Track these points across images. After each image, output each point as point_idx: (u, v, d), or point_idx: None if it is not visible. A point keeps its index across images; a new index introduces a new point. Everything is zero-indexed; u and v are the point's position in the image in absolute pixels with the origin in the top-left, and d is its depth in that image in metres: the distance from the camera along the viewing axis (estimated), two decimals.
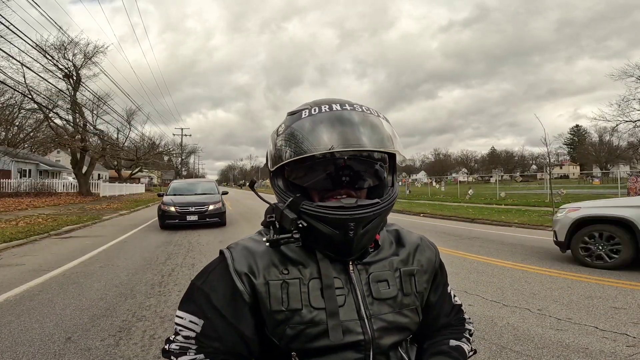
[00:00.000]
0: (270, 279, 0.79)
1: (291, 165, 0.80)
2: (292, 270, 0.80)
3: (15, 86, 19.87)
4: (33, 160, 35.26)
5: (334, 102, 0.79)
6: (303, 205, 0.76)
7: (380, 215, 0.77)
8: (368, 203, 0.75)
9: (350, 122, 0.74)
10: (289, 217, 0.76)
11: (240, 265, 0.80)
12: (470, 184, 48.99)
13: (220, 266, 0.83)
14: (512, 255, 6.74)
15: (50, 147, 39.63)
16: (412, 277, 0.88)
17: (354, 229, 0.74)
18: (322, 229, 0.75)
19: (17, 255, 7.27)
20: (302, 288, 0.78)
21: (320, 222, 0.74)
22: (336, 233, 0.74)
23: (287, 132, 0.77)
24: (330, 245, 0.78)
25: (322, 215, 0.74)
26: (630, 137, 35.69)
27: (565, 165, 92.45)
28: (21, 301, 4.37)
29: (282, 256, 0.81)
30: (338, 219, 0.73)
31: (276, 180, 0.84)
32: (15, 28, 13.76)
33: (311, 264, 0.81)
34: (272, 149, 0.82)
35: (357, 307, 0.79)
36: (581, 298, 4.23)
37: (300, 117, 0.78)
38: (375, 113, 0.80)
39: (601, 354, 2.87)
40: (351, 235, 0.74)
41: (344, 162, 0.77)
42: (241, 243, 0.87)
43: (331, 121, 0.74)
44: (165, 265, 6.22)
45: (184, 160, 65.70)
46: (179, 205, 11.20)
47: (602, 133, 64.56)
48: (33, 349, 3.07)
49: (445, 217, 14.20)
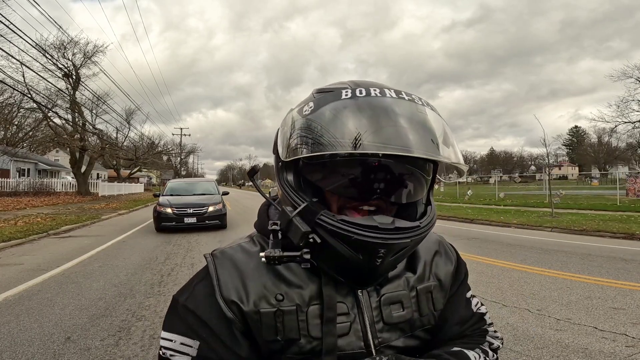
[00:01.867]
0: (262, 307, 0.66)
1: (312, 159, 0.63)
2: (288, 294, 0.67)
3: (14, 85, 19.85)
4: (32, 159, 35.22)
5: (384, 86, 0.62)
6: (322, 215, 0.59)
7: (418, 242, 0.63)
8: (408, 226, 0.59)
9: (413, 117, 0.59)
10: (300, 230, 0.59)
11: (227, 291, 0.67)
12: (469, 185, 49.05)
13: (204, 283, 0.70)
14: (511, 255, 6.75)
15: (49, 147, 39.58)
16: (430, 294, 0.75)
17: (383, 257, 0.59)
18: (340, 250, 0.59)
19: (16, 255, 7.26)
20: (300, 316, 0.66)
21: (340, 242, 0.59)
22: (359, 258, 0.59)
23: (320, 114, 0.60)
24: (345, 271, 0.64)
25: (346, 234, 0.57)
26: (629, 138, 35.89)
27: (564, 166, 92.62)
28: (20, 301, 4.36)
29: (277, 275, 0.68)
30: (367, 242, 0.57)
31: (285, 173, 0.67)
32: (15, 27, 13.76)
33: (311, 285, 0.68)
34: (289, 133, 0.64)
35: (364, 335, 0.68)
36: (580, 298, 4.24)
37: (340, 97, 0.60)
38: (438, 112, 0.64)
39: (600, 354, 2.88)
40: (377, 264, 0.60)
41: (378, 163, 0.61)
42: (228, 254, 0.72)
43: (384, 112, 0.58)
44: (164, 265, 6.21)
45: (183, 160, 65.69)
46: (176, 207, 10.53)
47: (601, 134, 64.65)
48: (32, 348, 3.07)
49: (444, 218, 14.21)
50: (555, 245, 7.96)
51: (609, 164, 68.43)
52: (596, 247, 7.66)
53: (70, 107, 26.33)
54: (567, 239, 8.90)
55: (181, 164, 66.69)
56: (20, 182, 26.29)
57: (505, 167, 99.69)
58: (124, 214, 16.61)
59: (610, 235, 9.15)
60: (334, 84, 0.68)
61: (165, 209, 10.52)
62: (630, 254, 6.78)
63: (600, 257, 6.60)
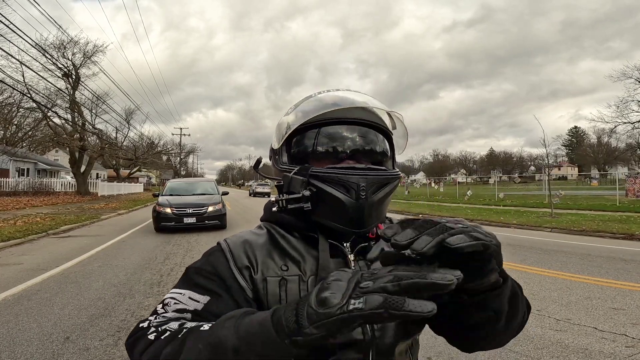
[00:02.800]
0: (269, 274, 0.75)
1: (297, 138, 0.81)
2: (291, 267, 0.76)
3: (14, 85, 19.83)
4: (31, 159, 35.18)
5: (336, 89, 0.86)
6: (312, 169, 0.74)
7: (389, 184, 0.75)
8: (377, 168, 0.78)
9: (347, 95, 0.81)
10: (299, 179, 0.74)
11: (240, 260, 0.76)
12: (469, 185, 49.07)
13: (217, 255, 0.77)
14: (510, 256, 6.75)
15: (48, 146, 39.52)
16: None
17: (365, 191, 0.71)
18: (332, 192, 0.71)
19: (15, 255, 7.25)
20: (302, 285, 0.74)
21: (330, 185, 0.72)
22: (346, 195, 0.71)
23: (294, 108, 0.82)
24: (341, 213, 0.73)
25: (333, 176, 0.72)
26: (628, 139, 35.93)
27: (563, 166, 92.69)
28: (19, 301, 4.35)
29: (282, 251, 0.78)
30: (349, 178, 0.71)
31: (280, 158, 0.83)
32: (15, 27, 13.74)
33: (311, 259, 0.77)
34: (277, 129, 0.85)
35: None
36: (580, 299, 4.24)
37: (310, 97, 0.83)
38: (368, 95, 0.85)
39: (600, 354, 2.88)
40: (363, 198, 0.71)
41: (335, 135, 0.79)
42: (239, 234, 0.83)
43: (338, 95, 0.81)
44: (164, 264, 6.20)
45: (182, 160, 65.67)
46: (176, 207, 10.47)
47: (601, 134, 64.77)
48: (31, 348, 3.06)
49: (443, 218, 14.21)
50: (555, 245, 7.96)
51: (608, 165, 68.48)
52: (596, 247, 7.67)
53: (69, 106, 26.31)
54: (566, 239, 8.90)
55: (181, 163, 66.68)
56: (19, 182, 26.27)
57: (504, 167, 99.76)
58: (123, 214, 16.60)
59: (609, 235, 9.15)
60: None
61: (165, 208, 10.44)
62: (629, 254, 6.78)
63: (599, 257, 6.60)
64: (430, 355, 2.92)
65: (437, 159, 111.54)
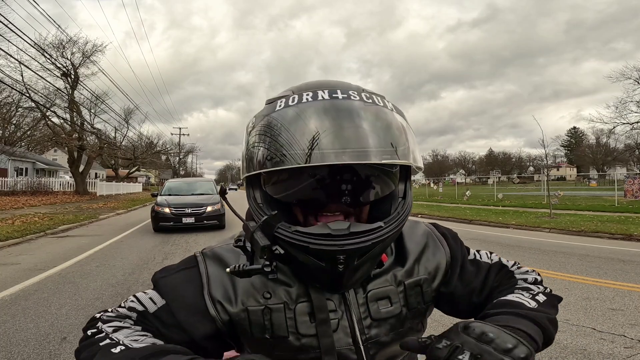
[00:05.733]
0: (250, 305, 0.68)
1: (268, 174, 0.65)
2: (275, 292, 0.68)
3: (12, 84, 19.81)
4: (30, 158, 35.11)
5: (320, 86, 0.61)
6: (279, 228, 0.59)
7: (382, 243, 0.61)
8: (365, 229, 0.58)
9: (344, 120, 0.56)
10: (259, 244, 0.59)
11: (215, 290, 0.68)
12: (468, 185, 49.12)
13: (189, 273, 0.71)
14: (509, 256, 6.71)
15: (47, 146, 39.46)
16: (419, 288, 0.75)
17: (344, 262, 0.58)
18: (303, 259, 0.60)
19: (13, 255, 7.22)
20: (288, 313, 0.67)
21: (300, 252, 0.59)
22: (322, 266, 0.59)
23: (259, 129, 0.60)
24: (316, 279, 0.65)
25: (302, 244, 0.58)
26: (627, 140, 35.98)
27: (562, 167, 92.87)
28: (16, 301, 4.33)
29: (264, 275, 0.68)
30: (323, 250, 0.57)
31: (252, 190, 0.67)
32: (14, 27, 13.71)
33: (298, 283, 0.69)
34: (244, 148, 0.65)
35: (352, 331, 0.69)
36: (579, 299, 4.24)
37: (274, 108, 0.60)
38: (380, 101, 0.61)
39: (599, 355, 2.87)
40: (341, 270, 0.59)
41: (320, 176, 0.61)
42: (218, 253, 0.73)
43: (314, 117, 0.56)
44: (162, 265, 6.18)
45: (181, 160, 65.64)
46: (174, 206, 10.40)
47: (599, 135, 64.95)
48: (28, 348, 3.05)
49: (442, 218, 14.21)
50: (554, 246, 7.96)
51: (607, 165, 68.63)
52: (594, 248, 7.67)
53: (68, 106, 26.29)
54: (565, 239, 8.91)
55: (180, 163, 66.65)
56: (18, 182, 26.20)
57: (503, 168, 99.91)
58: (122, 214, 16.57)
59: (608, 236, 9.16)
60: (282, 92, 0.66)
61: (163, 208, 10.40)
62: (628, 255, 6.79)
63: (598, 258, 6.61)
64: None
65: (436, 159, 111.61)
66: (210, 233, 10.03)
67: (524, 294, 0.72)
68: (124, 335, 0.62)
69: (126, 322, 0.67)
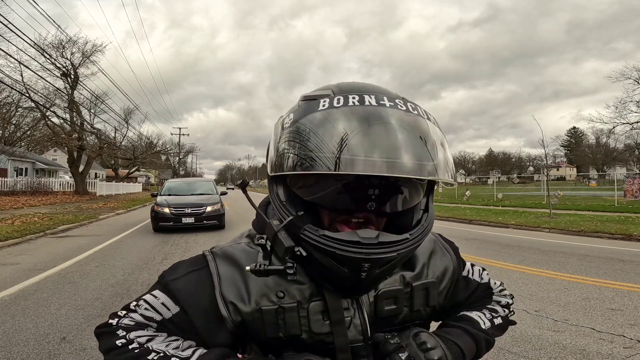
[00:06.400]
0: (263, 305, 0.67)
1: (293, 176, 0.64)
2: (289, 291, 0.68)
3: (12, 84, 19.79)
4: (29, 158, 35.09)
5: (365, 90, 0.60)
6: (305, 231, 0.59)
7: (408, 254, 0.62)
8: (393, 240, 0.58)
9: (392, 129, 0.54)
10: (284, 245, 0.58)
11: (228, 290, 0.67)
12: (468, 185, 49.12)
13: (201, 274, 0.70)
14: (509, 256, 6.75)
15: (47, 146, 39.45)
16: (426, 291, 0.77)
17: (368, 270, 0.58)
18: (326, 263, 0.59)
19: (13, 254, 7.22)
20: (301, 312, 0.68)
21: (325, 257, 0.59)
22: (344, 272, 0.59)
23: (296, 128, 0.59)
24: (334, 283, 0.66)
25: (328, 249, 0.57)
26: (626, 140, 35.96)
27: (562, 167, 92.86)
28: (16, 301, 4.33)
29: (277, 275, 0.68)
30: (349, 258, 0.57)
31: (276, 186, 0.66)
32: (14, 27, 13.70)
33: (310, 282, 0.69)
34: (273, 147, 0.64)
35: (364, 328, 0.71)
36: (578, 299, 4.24)
37: (317, 107, 0.58)
38: (423, 113, 0.60)
39: (598, 355, 2.88)
40: (363, 277, 0.59)
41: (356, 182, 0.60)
42: (229, 252, 0.72)
43: (363, 123, 0.54)
44: (162, 265, 6.18)
45: (181, 160, 65.62)
46: (174, 207, 10.38)
47: (599, 135, 64.95)
48: (27, 349, 3.05)
49: (442, 218, 14.22)
50: (553, 246, 7.96)
51: (606, 165, 68.66)
52: (594, 248, 7.67)
53: (68, 106, 26.27)
54: (565, 239, 8.91)
55: (179, 163, 66.63)
56: (17, 182, 26.19)
57: (503, 168, 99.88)
58: (121, 214, 16.56)
59: (608, 236, 9.16)
60: (319, 90, 0.65)
61: (163, 208, 10.38)
62: (628, 255, 6.79)
63: (598, 258, 6.61)
64: None
65: None
66: (210, 233, 10.03)
67: (485, 314, 0.82)
68: (164, 345, 0.65)
69: (149, 329, 0.67)
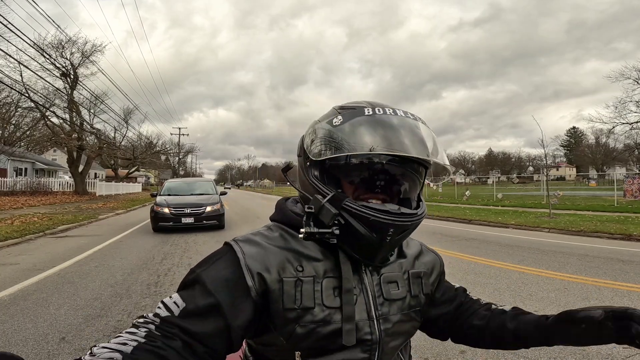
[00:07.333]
0: (285, 276, 0.76)
1: (337, 159, 0.79)
2: (306, 267, 0.78)
3: (12, 84, 19.78)
4: (29, 159, 35.05)
5: (392, 107, 0.82)
6: (347, 201, 0.74)
7: (416, 226, 0.78)
8: (410, 212, 0.76)
9: (414, 131, 0.77)
10: (331, 212, 0.74)
11: (253, 262, 0.75)
12: (468, 185, 49.12)
13: (227, 257, 0.77)
14: (509, 256, 6.75)
15: (46, 146, 39.41)
16: (420, 279, 0.91)
17: (391, 235, 0.75)
18: (359, 229, 0.74)
19: (12, 255, 7.22)
20: (316, 286, 0.77)
21: (360, 223, 0.74)
22: (373, 236, 0.74)
23: (349, 125, 0.76)
24: (361, 247, 0.77)
25: (365, 215, 0.73)
26: (626, 140, 35.96)
27: (561, 167, 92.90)
28: (15, 301, 4.33)
29: (296, 252, 0.80)
30: (381, 222, 0.73)
31: (312, 170, 0.82)
32: (13, 27, 13.69)
33: (325, 260, 0.80)
34: (319, 139, 0.79)
35: (368, 307, 0.80)
36: (578, 299, 4.24)
37: (363, 113, 0.78)
38: (428, 127, 0.83)
39: (598, 355, 2.88)
40: (387, 241, 0.75)
41: (383, 165, 0.80)
42: (250, 237, 0.82)
43: (400, 125, 0.77)
44: (161, 265, 6.18)
45: (181, 160, 65.59)
46: (174, 207, 10.41)
47: (599, 135, 64.99)
48: (27, 349, 3.04)
49: (442, 218, 14.22)
50: (553, 246, 7.97)
51: (606, 165, 68.69)
52: (593, 248, 7.68)
53: (67, 106, 26.26)
54: (564, 239, 8.91)
55: (179, 163, 66.60)
56: (17, 182, 26.16)
57: (503, 167, 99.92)
58: (121, 214, 16.55)
59: (607, 236, 9.16)
60: (353, 103, 0.84)
61: (163, 208, 10.37)
62: (627, 255, 6.79)
63: (597, 258, 6.61)
64: (427, 356, 2.91)
65: None
66: (209, 233, 10.03)
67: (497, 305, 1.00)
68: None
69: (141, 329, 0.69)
